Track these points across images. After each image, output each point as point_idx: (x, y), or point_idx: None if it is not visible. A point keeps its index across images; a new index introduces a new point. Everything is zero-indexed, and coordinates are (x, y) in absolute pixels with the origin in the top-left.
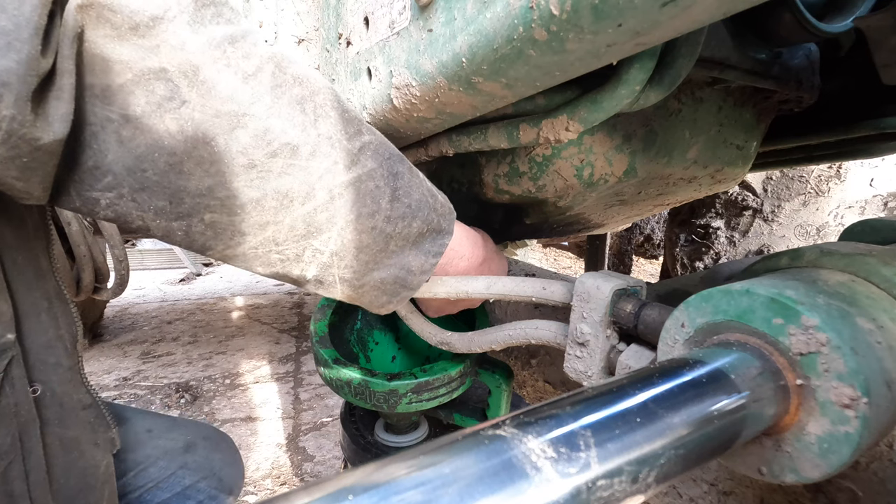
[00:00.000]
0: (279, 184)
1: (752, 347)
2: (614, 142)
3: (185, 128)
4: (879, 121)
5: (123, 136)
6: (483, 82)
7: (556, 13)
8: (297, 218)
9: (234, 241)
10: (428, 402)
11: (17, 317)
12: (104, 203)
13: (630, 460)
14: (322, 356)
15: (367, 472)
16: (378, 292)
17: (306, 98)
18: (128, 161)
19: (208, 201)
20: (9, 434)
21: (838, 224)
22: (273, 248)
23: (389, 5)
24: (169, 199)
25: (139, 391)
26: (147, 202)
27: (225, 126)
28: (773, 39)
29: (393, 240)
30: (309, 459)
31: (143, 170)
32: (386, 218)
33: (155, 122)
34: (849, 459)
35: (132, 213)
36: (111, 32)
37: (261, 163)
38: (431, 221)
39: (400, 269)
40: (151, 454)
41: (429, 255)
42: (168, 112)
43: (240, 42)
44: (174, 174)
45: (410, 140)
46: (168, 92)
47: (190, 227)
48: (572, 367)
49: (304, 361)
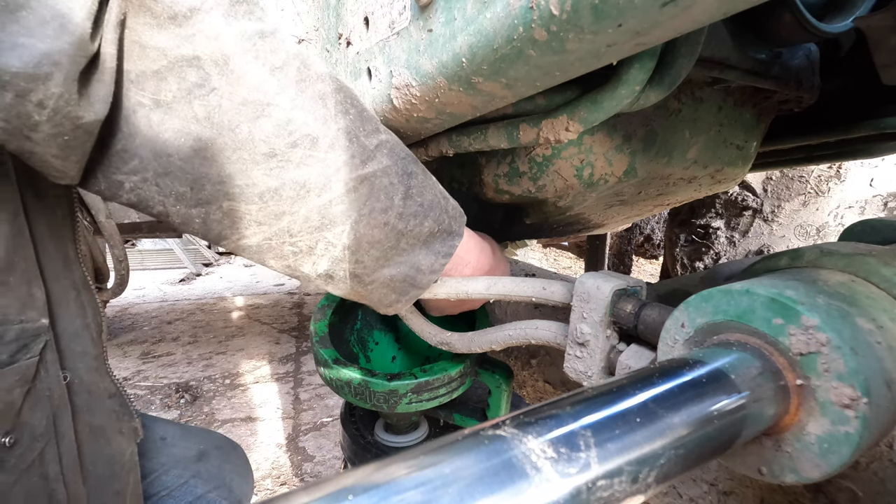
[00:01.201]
0: (297, 174)
1: (752, 347)
2: (614, 142)
3: (212, 114)
4: (879, 121)
5: (153, 121)
6: (483, 82)
7: (556, 13)
8: (312, 209)
9: (249, 231)
10: (428, 402)
11: (50, 304)
12: (128, 186)
13: (630, 460)
14: (322, 356)
15: (367, 472)
16: (387, 290)
17: (328, 94)
18: (155, 145)
19: (228, 188)
20: (44, 417)
21: (838, 224)
22: (287, 240)
23: (389, 5)
24: (191, 185)
25: (139, 391)
26: (169, 187)
27: (250, 114)
28: (773, 39)
29: (404, 237)
30: (309, 459)
31: (168, 154)
32: (398, 215)
33: (184, 107)
34: (849, 459)
35: (154, 198)
36: (151, 21)
37: (281, 152)
38: (442, 222)
39: (410, 268)
40: (166, 462)
41: (438, 255)
42: (197, 98)
43: (269, 37)
44: (198, 160)
45: (410, 140)
46: (199, 79)
47: (208, 215)
48: (572, 367)
49: (304, 361)
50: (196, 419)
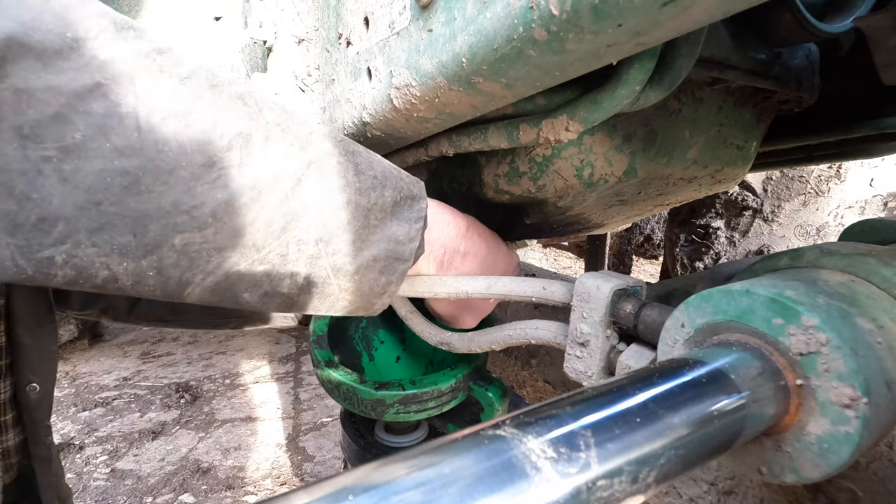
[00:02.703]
0: (242, 176)
1: (752, 347)
2: (614, 142)
3: (132, 141)
4: (879, 121)
5: (66, 172)
6: (483, 82)
7: (556, 13)
8: (270, 210)
9: (212, 263)
10: (416, 413)
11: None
12: (61, 260)
13: (630, 460)
14: (316, 357)
15: (367, 472)
16: (375, 273)
17: (245, 94)
18: (78, 198)
19: (175, 219)
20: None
21: (838, 224)
22: (255, 258)
23: (389, 5)
24: (132, 230)
25: (139, 391)
26: (109, 242)
27: (173, 128)
28: (773, 39)
29: (371, 213)
30: (309, 459)
31: (97, 203)
32: (357, 190)
33: (100, 143)
34: (849, 459)
35: (95, 263)
36: (34, 62)
37: (218, 158)
38: (402, 189)
39: (388, 242)
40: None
41: (410, 221)
42: (112, 129)
43: (168, 52)
44: (132, 197)
45: (410, 140)
46: (107, 107)
47: (162, 261)
48: (572, 367)
49: (304, 361)
50: (196, 419)
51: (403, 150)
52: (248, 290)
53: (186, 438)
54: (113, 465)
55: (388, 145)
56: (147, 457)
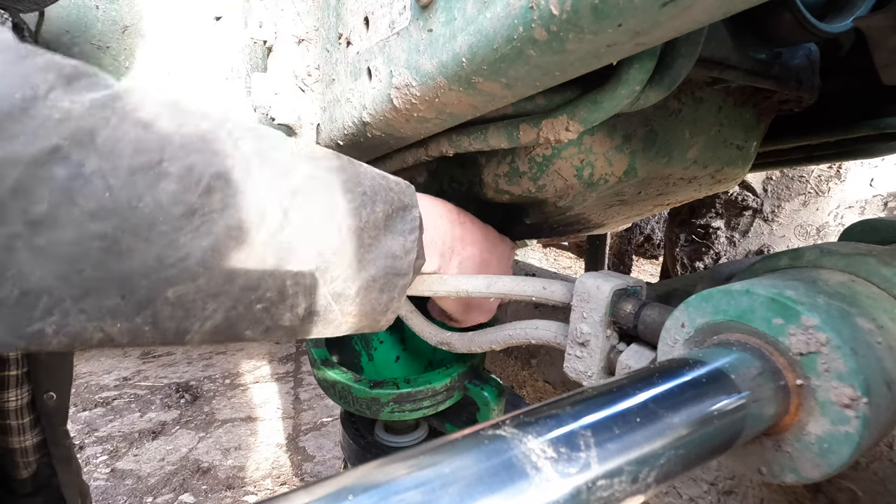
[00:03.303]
0: (226, 219)
1: (753, 347)
2: (614, 142)
3: (104, 202)
4: (879, 121)
5: (39, 245)
6: (483, 82)
7: (556, 13)
8: (260, 248)
9: (208, 310)
10: (411, 412)
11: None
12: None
13: (630, 460)
14: (312, 356)
15: (367, 472)
16: (376, 292)
17: (216, 127)
18: (58, 269)
19: (163, 273)
20: None
21: (838, 224)
22: (252, 298)
23: (389, 5)
24: (120, 292)
25: (139, 391)
26: (98, 307)
27: (145, 183)
28: (773, 39)
29: (365, 231)
30: (309, 459)
31: (79, 270)
32: (347, 212)
33: (68, 211)
34: (849, 459)
35: (87, 328)
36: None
37: (199, 205)
38: (392, 201)
39: (385, 258)
40: None
41: (405, 233)
42: (78, 193)
43: (125, 96)
44: (113, 259)
45: (410, 140)
46: (70, 171)
47: (156, 315)
48: (572, 367)
49: (304, 361)
50: (196, 419)
51: (403, 150)
52: (249, 328)
53: (186, 438)
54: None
55: (388, 145)
56: (147, 457)
